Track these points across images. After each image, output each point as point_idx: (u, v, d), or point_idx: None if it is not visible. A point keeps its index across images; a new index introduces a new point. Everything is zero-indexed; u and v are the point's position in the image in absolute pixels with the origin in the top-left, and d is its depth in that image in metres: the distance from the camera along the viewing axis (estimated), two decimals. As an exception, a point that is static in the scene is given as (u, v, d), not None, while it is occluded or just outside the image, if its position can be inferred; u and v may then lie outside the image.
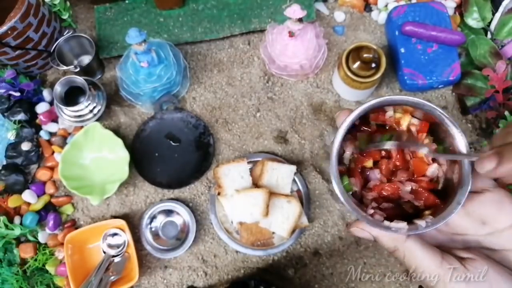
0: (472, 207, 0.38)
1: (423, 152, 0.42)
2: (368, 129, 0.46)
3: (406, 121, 0.45)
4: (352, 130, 0.45)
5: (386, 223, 0.39)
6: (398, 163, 0.44)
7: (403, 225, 0.39)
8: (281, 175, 0.76)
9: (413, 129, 0.44)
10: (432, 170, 0.43)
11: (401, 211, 0.43)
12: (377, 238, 0.40)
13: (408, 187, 0.42)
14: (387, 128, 0.46)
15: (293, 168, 0.76)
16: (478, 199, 0.38)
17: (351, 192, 0.43)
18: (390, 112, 0.45)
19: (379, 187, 0.43)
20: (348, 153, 0.45)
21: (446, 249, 0.38)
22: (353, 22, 0.89)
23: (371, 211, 0.41)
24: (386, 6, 0.88)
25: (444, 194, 0.41)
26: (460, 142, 0.40)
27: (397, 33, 0.81)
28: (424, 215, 0.41)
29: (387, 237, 0.39)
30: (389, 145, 0.42)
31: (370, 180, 0.44)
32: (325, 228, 0.79)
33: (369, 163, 0.44)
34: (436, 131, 0.44)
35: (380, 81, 0.82)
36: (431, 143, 0.43)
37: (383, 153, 0.44)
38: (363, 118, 0.45)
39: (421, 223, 0.38)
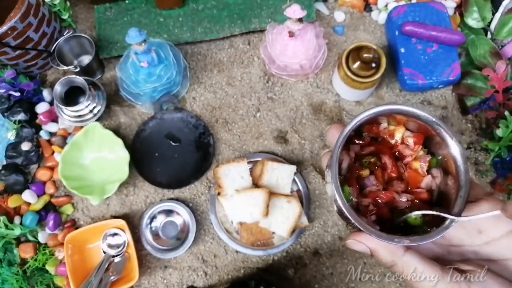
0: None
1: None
2: (361, 141, 0.45)
3: (400, 133, 0.44)
4: (346, 143, 0.43)
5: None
6: (393, 175, 0.43)
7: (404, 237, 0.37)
8: (281, 175, 0.76)
9: (409, 141, 0.43)
10: (426, 181, 0.42)
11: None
12: (374, 252, 0.39)
13: (404, 198, 0.42)
14: (379, 140, 0.45)
15: (293, 168, 0.76)
16: (474, 208, 0.37)
17: (350, 203, 0.41)
18: (384, 124, 0.44)
19: (374, 194, 0.42)
20: (345, 165, 0.44)
21: (443, 262, 0.37)
22: (353, 22, 0.89)
23: (373, 217, 0.40)
24: (386, 6, 0.88)
25: (438, 205, 0.41)
26: (456, 151, 0.39)
27: (397, 33, 0.81)
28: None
29: (385, 250, 0.38)
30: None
31: (366, 187, 0.44)
32: (325, 228, 0.79)
33: (365, 172, 0.44)
34: (429, 143, 0.43)
35: (380, 81, 0.82)
36: (426, 155, 0.43)
37: (378, 163, 0.44)
38: (356, 130, 0.43)
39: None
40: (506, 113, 0.76)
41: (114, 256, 0.76)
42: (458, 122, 0.83)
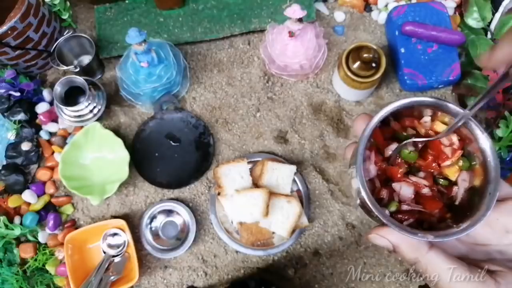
0: (495, 216, 0.36)
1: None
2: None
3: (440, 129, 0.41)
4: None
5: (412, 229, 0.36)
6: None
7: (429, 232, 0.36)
8: (281, 175, 0.76)
9: (452, 145, 0.41)
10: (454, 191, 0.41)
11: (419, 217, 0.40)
12: (397, 247, 0.37)
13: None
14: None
15: (293, 168, 0.76)
16: (502, 207, 0.36)
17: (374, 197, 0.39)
18: (426, 118, 0.41)
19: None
20: (372, 170, 0.41)
21: (467, 261, 0.36)
22: (353, 22, 0.89)
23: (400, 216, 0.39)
24: (386, 6, 0.88)
25: (462, 206, 0.40)
26: (486, 145, 0.38)
27: (397, 33, 0.81)
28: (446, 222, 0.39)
29: (408, 246, 0.36)
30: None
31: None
32: (325, 228, 0.79)
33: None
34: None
35: (380, 81, 0.82)
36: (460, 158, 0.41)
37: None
38: (384, 124, 0.42)
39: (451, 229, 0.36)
40: (506, 113, 0.76)
41: (114, 256, 0.76)
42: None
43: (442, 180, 0.41)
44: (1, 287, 0.75)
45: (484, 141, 0.38)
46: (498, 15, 0.83)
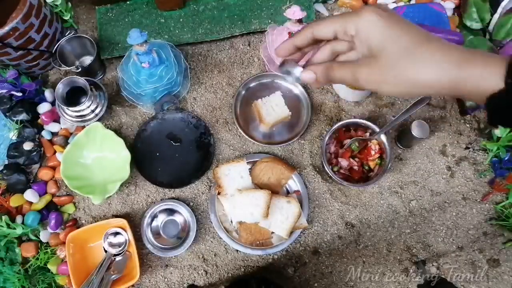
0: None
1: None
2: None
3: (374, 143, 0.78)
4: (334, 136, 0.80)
5: None
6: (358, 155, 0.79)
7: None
8: (274, 103, 0.82)
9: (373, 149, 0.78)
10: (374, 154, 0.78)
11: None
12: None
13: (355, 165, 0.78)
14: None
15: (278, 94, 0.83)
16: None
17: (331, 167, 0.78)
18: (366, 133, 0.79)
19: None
20: (332, 148, 0.79)
21: None
22: (352, 23, 0.89)
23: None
24: (385, 7, 0.88)
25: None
26: (387, 150, 0.76)
27: (396, 34, 0.81)
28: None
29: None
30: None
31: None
32: (324, 227, 0.80)
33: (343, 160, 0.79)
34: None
35: (379, 81, 0.82)
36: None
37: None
38: (347, 129, 0.80)
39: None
40: (504, 113, 0.77)
41: (115, 255, 0.77)
42: (456, 123, 0.84)
43: (366, 166, 0.79)
44: (3, 286, 0.76)
45: (386, 147, 0.76)
46: (496, 16, 0.83)
